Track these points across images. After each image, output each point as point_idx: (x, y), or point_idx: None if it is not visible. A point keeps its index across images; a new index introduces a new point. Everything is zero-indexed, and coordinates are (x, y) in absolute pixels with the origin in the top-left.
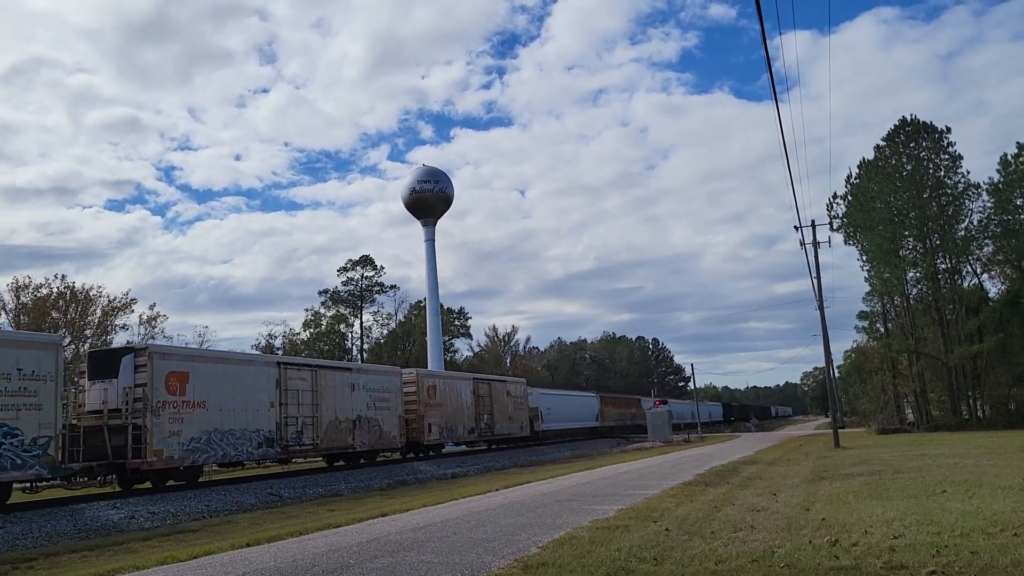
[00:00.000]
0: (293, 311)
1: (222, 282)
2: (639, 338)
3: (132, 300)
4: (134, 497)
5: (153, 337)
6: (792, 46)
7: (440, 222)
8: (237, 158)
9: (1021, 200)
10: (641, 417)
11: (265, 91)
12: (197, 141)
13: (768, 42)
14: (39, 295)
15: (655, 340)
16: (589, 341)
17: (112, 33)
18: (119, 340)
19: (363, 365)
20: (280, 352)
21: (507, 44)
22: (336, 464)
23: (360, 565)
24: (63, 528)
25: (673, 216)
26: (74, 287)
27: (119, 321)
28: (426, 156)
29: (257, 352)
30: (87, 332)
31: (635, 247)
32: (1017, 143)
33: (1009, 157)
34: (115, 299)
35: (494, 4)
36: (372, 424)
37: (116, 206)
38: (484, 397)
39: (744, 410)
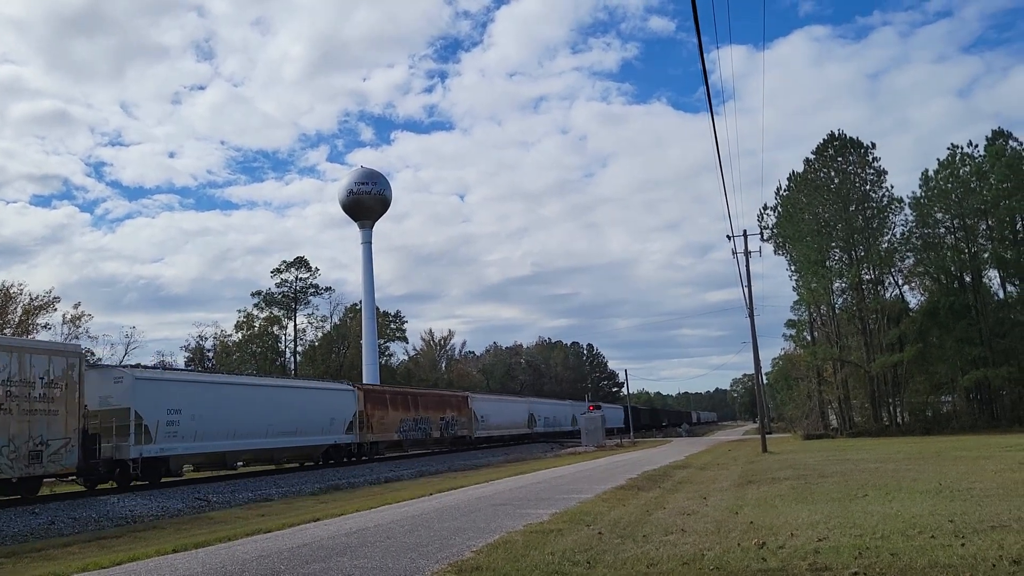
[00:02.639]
0: (226, 312)
1: (152, 282)
2: (574, 343)
3: (55, 299)
4: (55, 502)
5: (77, 337)
6: (728, 60)
7: (378, 225)
8: (171, 155)
9: (941, 214)
10: (467, 426)
11: (202, 88)
12: (129, 137)
13: (705, 55)
14: None
15: (590, 346)
16: (525, 346)
17: (42, 24)
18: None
19: None
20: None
21: (450, 49)
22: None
23: (291, 571)
24: None
25: (611, 223)
26: None
27: (41, 320)
28: (366, 158)
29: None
30: (7, 331)
31: (573, 253)
32: (938, 160)
33: (930, 173)
34: (37, 297)
35: (438, 9)
36: None
37: (42, 201)
38: None
39: (654, 415)
